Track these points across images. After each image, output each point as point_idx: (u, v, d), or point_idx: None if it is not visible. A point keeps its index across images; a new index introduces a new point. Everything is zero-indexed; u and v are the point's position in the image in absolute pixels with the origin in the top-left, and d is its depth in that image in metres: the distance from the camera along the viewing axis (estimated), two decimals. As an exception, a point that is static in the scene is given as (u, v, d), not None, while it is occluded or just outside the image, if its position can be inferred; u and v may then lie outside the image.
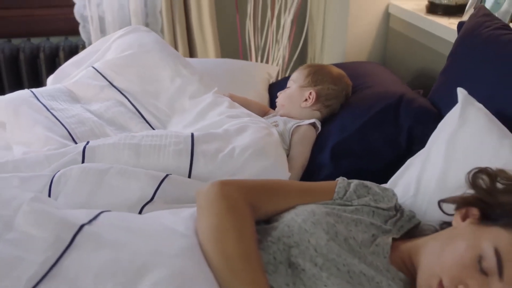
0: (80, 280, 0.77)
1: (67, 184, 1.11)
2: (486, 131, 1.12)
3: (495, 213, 0.89)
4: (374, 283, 0.89)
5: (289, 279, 0.87)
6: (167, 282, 0.78)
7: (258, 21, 2.59)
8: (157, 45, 1.68)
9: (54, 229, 0.84)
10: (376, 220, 1.01)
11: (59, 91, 1.61)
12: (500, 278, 0.82)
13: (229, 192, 0.94)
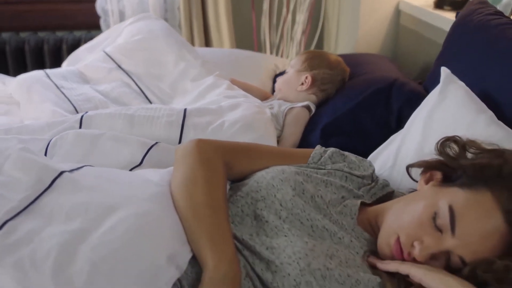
0: (54, 216, 0.84)
1: (62, 147, 1.19)
2: (464, 106, 1.14)
3: (456, 175, 0.91)
4: (336, 238, 0.92)
5: (253, 229, 0.92)
6: (132, 220, 0.83)
7: (274, 18, 2.65)
8: (164, 32, 1.77)
9: (37, 173, 0.91)
10: (348, 184, 1.05)
11: (71, 73, 1.70)
12: (452, 234, 0.85)
13: (205, 148, 0.99)
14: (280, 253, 0.86)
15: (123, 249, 0.79)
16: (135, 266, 0.78)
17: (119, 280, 0.76)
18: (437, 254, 0.86)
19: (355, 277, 0.86)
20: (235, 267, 0.83)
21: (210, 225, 0.87)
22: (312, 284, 0.83)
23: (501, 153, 0.90)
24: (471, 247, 0.83)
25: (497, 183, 0.85)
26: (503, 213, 0.83)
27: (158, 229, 0.85)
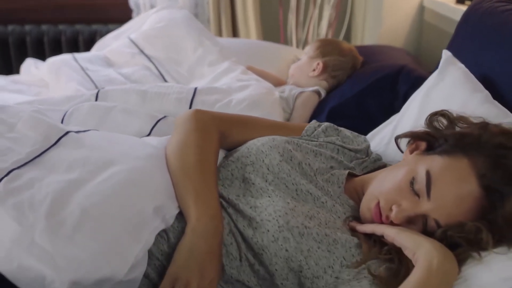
0: (55, 167, 0.92)
1: (77, 117, 1.27)
2: (460, 86, 1.16)
3: (438, 144, 0.94)
4: (319, 202, 0.96)
5: (240, 191, 0.97)
6: (125, 173, 0.90)
7: (301, 15, 2.70)
8: (185, 20, 1.85)
9: (45, 131, 0.99)
10: (339, 156, 1.09)
11: (97, 57, 1.81)
12: (428, 198, 0.87)
13: (201, 117, 1.05)
14: (262, 211, 0.91)
15: (113, 197, 0.86)
16: (122, 213, 0.85)
17: (106, 224, 0.82)
18: (414, 218, 0.89)
19: (333, 236, 0.89)
20: (217, 222, 0.89)
21: (197, 183, 0.93)
22: (289, 240, 0.87)
23: (485, 124, 0.92)
24: (446, 210, 0.86)
25: (474, 150, 0.87)
26: (478, 178, 0.85)
27: (148, 183, 0.91)
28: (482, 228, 0.82)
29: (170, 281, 0.84)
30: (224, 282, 0.92)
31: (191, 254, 0.85)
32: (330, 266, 0.88)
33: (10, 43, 2.52)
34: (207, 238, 0.86)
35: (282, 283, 0.89)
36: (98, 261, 0.79)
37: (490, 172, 0.84)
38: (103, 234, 0.81)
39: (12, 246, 0.79)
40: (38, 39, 2.55)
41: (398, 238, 0.85)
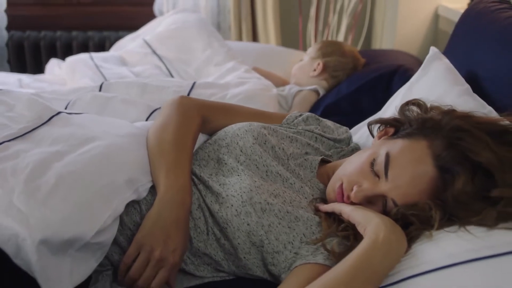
0: (42, 141, 0.99)
1: (80, 105, 1.36)
2: (441, 79, 1.18)
3: (403, 129, 0.96)
4: (288, 183, 1.00)
5: (213, 171, 1.02)
6: (102, 148, 0.97)
7: (320, 24, 2.75)
8: (196, 22, 1.93)
9: (38, 111, 1.07)
10: (317, 144, 1.12)
11: (112, 56, 1.91)
12: (386, 178, 0.90)
13: (185, 102, 1.11)
14: (229, 188, 0.96)
15: (87, 167, 0.93)
16: (95, 182, 0.91)
17: (78, 191, 0.89)
18: (374, 198, 0.91)
19: (295, 214, 0.93)
20: (184, 194, 0.94)
21: (169, 159, 0.98)
22: (251, 215, 0.91)
23: (450, 110, 0.94)
24: (402, 190, 0.88)
25: (433, 133, 0.90)
26: (433, 158, 0.87)
27: (122, 157, 0.97)
28: (431, 206, 0.83)
29: (136, 248, 0.90)
30: (193, 255, 0.97)
31: (157, 223, 0.90)
32: (290, 242, 0.91)
33: (41, 47, 2.67)
34: (173, 209, 0.92)
35: (245, 257, 0.93)
36: (67, 222, 0.85)
37: (444, 152, 0.86)
38: (74, 199, 0.88)
39: (-8, 208, 0.86)
40: (68, 44, 2.69)
41: (352, 215, 0.88)
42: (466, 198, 0.82)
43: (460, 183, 0.82)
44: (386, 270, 0.79)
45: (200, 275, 0.97)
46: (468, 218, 0.81)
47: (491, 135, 0.86)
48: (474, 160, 0.83)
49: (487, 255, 0.76)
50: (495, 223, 0.79)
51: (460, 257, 0.76)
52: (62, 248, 0.85)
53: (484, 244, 0.77)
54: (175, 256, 0.90)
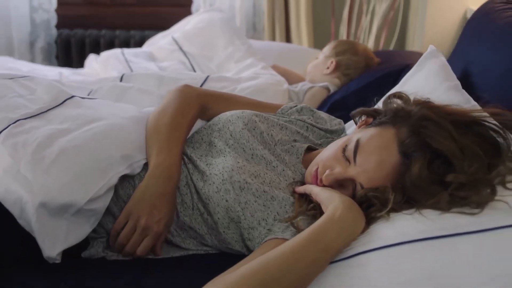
0: (53, 121, 1.11)
1: (100, 94, 1.48)
2: (433, 76, 1.22)
3: (378, 118, 1.02)
4: (271, 166, 1.07)
5: (204, 152, 1.11)
6: (105, 126, 1.08)
7: (352, 26, 2.79)
8: (222, 22, 2.04)
9: (54, 94, 1.20)
10: (308, 133, 1.18)
11: (142, 52, 2.05)
12: (354, 163, 0.95)
13: (187, 89, 1.21)
14: (214, 167, 1.04)
15: (88, 142, 1.03)
16: (94, 155, 1.02)
17: (77, 162, 1.00)
18: (344, 181, 0.97)
19: (271, 194, 1.00)
20: (173, 171, 1.03)
21: (163, 139, 1.08)
22: (230, 192, 0.99)
23: (423, 102, 0.99)
24: (368, 174, 0.93)
25: (403, 121, 0.94)
26: (398, 145, 0.92)
27: (121, 135, 1.08)
28: (389, 189, 0.88)
29: (125, 216, 1.00)
30: (179, 228, 1.06)
31: (145, 195, 1.00)
32: (264, 219, 0.98)
33: (86, 44, 2.85)
34: (160, 183, 1.01)
35: (224, 231, 1.01)
36: (65, 189, 0.96)
37: (408, 139, 0.91)
38: (73, 170, 0.99)
39: (4, 174, 0.99)
40: (111, 42, 2.85)
41: (319, 195, 0.94)
42: (422, 182, 0.86)
43: (416, 168, 0.87)
44: (339, 245, 0.84)
45: (186, 247, 1.06)
46: (424, 202, 0.85)
47: (456, 125, 0.90)
48: (434, 147, 0.87)
49: (436, 236, 0.80)
50: (449, 207, 0.83)
51: (411, 236, 0.81)
52: (59, 212, 0.96)
53: (435, 225, 0.82)
54: (160, 225, 0.99)
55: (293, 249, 0.82)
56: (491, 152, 0.89)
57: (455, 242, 0.79)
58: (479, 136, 0.90)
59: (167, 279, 0.97)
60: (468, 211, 0.82)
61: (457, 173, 0.85)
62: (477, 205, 0.82)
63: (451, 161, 0.87)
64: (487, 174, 0.85)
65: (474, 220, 0.81)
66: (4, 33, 2.82)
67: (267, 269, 0.80)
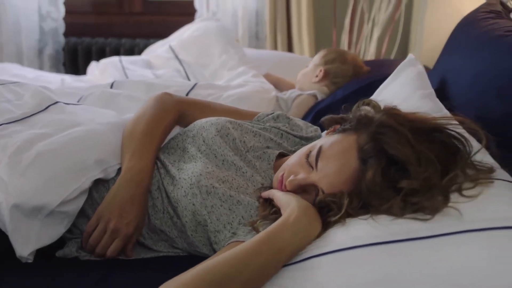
0: (35, 125, 1.16)
1: (90, 100, 1.53)
2: (408, 84, 1.23)
3: (343, 125, 1.03)
4: (240, 172, 1.10)
5: (177, 158, 1.14)
6: (81, 132, 1.12)
7: (354, 35, 2.80)
8: (217, 30, 2.08)
9: (39, 100, 1.24)
10: (282, 140, 1.21)
11: (140, 60, 2.10)
12: (316, 168, 0.97)
13: (165, 97, 1.24)
14: (184, 172, 1.07)
15: (64, 147, 1.07)
16: (69, 159, 1.06)
17: (52, 166, 1.04)
18: (307, 187, 0.98)
19: (237, 198, 1.02)
20: (143, 176, 1.06)
21: (137, 145, 1.11)
22: (197, 196, 1.02)
23: (387, 109, 1.00)
24: (329, 179, 0.95)
25: (364, 128, 0.96)
26: (357, 151, 0.94)
27: (97, 140, 1.11)
28: (344, 194, 0.90)
29: (96, 218, 1.03)
30: (151, 231, 1.09)
31: (115, 198, 1.03)
32: (230, 222, 1.00)
33: (93, 52, 2.92)
34: (131, 187, 1.04)
35: (192, 234, 1.03)
36: (38, 192, 1.00)
37: (366, 145, 0.92)
38: (47, 173, 1.02)
39: (-18, 176, 1.03)
40: (116, 50, 2.92)
41: (279, 200, 0.96)
42: (376, 188, 0.88)
43: (370, 174, 0.88)
44: (293, 248, 0.86)
45: (157, 249, 1.09)
46: (379, 207, 0.87)
47: (415, 132, 0.91)
48: (390, 153, 0.89)
49: (387, 240, 0.82)
50: (402, 212, 0.85)
51: (363, 241, 0.82)
52: (32, 213, 1.00)
53: (387, 230, 0.83)
54: (129, 228, 1.02)
55: (246, 250, 0.84)
56: (449, 159, 0.90)
57: (406, 247, 0.80)
58: (437, 143, 0.91)
59: (134, 278, 1.00)
60: (421, 217, 0.83)
61: (411, 179, 0.86)
62: (430, 211, 0.83)
63: (406, 167, 0.88)
64: (441, 181, 0.86)
65: (426, 226, 0.82)
66: (14, 40, 2.91)
67: (219, 269, 0.82)
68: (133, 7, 3.07)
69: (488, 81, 1.07)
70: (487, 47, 1.14)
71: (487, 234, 0.79)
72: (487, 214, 0.82)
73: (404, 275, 0.78)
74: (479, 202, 0.84)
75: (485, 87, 1.08)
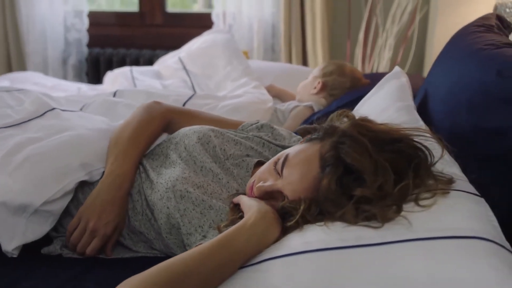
0: (29, 130, 1.23)
1: (92, 108, 1.60)
2: (389, 96, 1.25)
3: (312, 135, 1.06)
4: (217, 178, 1.14)
5: (159, 163, 1.19)
6: (69, 137, 1.19)
7: (368, 48, 2.82)
8: (224, 42, 2.14)
9: (37, 106, 1.32)
10: (263, 149, 1.24)
11: (150, 70, 2.18)
12: (281, 176, 1.00)
13: (154, 106, 1.30)
14: (162, 177, 1.12)
15: (52, 151, 1.14)
16: (54, 163, 1.12)
17: (38, 168, 1.11)
18: (274, 193, 1.01)
19: (209, 203, 1.06)
20: (124, 179, 1.12)
21: (121, 149, 1.17)
22: (171, 199, 1.06)
23: (355, 120, 1.03)
24: (292, 186, 0.98)
25: (328, 137, 0.99)
26: (320, 159, 0.96)
27: (83, 145, 1.18)
28: (301, 201, 0.93)
29: (78, 218, 1.09)
30: (131, 232, 1.14)
31: (96, 200, 1.09)
32: (201, 226, 1.05)
33: (114, 62, 3.03)
34: (111, 190, 1.10)
35: (166, 236, 1.08)
36: (23, 191, 1.07)
37: (327, 154, 0.95)
38: (33, 174, 1.10)
39: (-25, 175, 1.11)
40: (136, 60, 3.02)
41: (244, 205, 0.99)
42: (330, 195, 0.90)
43: (326, 181, 0.91)
44: (248, 251, 0.88)
45: (136, 250, 1.14)
46: (334, 214, 0.89)
47: (375, 142, 0.93)
48: (347, 162, 0.92)
49: (336, 246, 0.84)
50: (355, 220, 0.87)
51: (313, 246, 0.85)
52: (17, 211, 1.07)
53: (338, 236, 0.85)
54: (107, 228, 1.08)
55: (202, 251, 0.88)
56: (405, 169, 0.92)
57: (354, 253, 0.82)
58: (395, 153, 0.93)
59: (111, 275, 1.04)
60: (373, 225, 0.85)
61: (365, 188, 0.89)
62: (381, 219, 0.85)
63: (363, 176, 0.90)
64: (393, 190, 0.88)
65: (377, 233, 0.84)
66: (41, 51, 3.06)
67: (175, 268, 0.85)
68: (154, 20, 3.18)
69: (460, 93, 1.09)
70: (463, 60, 1.16)
71: (432, 243, 0.80)
72: (436, 224, 0.83)
73: (348, 280, 0.80)
74: (432, 212, 0.86)
75: (456, 100, 1.09)
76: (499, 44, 1.13)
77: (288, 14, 2.84)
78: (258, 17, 2.89)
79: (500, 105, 0.98)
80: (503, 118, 0.97)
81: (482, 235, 0.80)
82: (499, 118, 0.98)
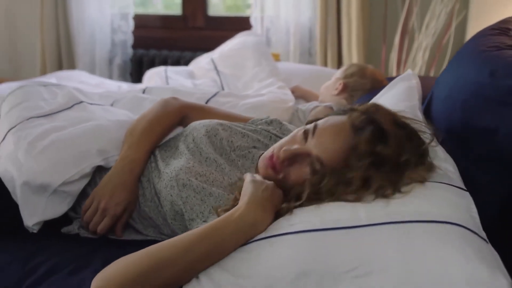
0: (57, 120, 1.34)
1: (121, 103, 1.71)
2: (397, 96, 1.28)
3: None
4: (220, 168, 1.20)
5: (170, 154, 1.27)
6: (89, 126, 1.29)
7: (403, 54, 2.81)
8: (254, 45, 2.21)
9: (67, 99, 1.44)
10: (271, 142, 1.30)
11: (183, 70, 2.28)
12: (312, 136, 1.03)
13: (171, 101, 1.39)
14: (169, 166, 1.20)
15: (72, 138, 1.25)
16: (74, 148, 1.23)
17: (60, 153, 1.21)
18: (300, 157, 1.03)
19: (209, 190, 1.12)
20: (135, 165, 1.21)
21: (135, 138, 1.26)
22: (174, 188, 1.13)
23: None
24: (324, 145, 1.00)
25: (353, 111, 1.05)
26: (350, 124, 1.01)
27: (101, 134, 1.28)
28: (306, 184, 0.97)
29: (91, 198, 1.19)
30: (141, 217, 1.23)
31: (108, 182, 1.19)
32: (201, 212, 1.11)
33: (155, 63, 3.16)
34: (122, 173, 1.19)
35: (172, 222, 1.15)
36: (44, 173, 1.18)
37: (359, 119, 1.01)
38: (54, 157, 1.20)
39: (6, 157, 1.23)
40: (177, 62, 3.14)
41: (244, 186, 1.01)
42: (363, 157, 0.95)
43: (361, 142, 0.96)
44: (231, 244, 0.90)
45: (146, 234, 1.22)
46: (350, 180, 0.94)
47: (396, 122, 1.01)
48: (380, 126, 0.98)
49: (316, 228, 0.88)
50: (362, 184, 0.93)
51: (296, 228, 0.89)
52: (39, 190, 1.18)
53: (319, 219, 0.89)
54: (117, 208, 1.17)
55: (184, 240, 0.91)
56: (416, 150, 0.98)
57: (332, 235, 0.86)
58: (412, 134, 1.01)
59: (115, 255, 1.12)
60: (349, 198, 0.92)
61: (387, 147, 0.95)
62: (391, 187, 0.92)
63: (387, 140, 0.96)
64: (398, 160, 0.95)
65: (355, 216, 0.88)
66: (89, 51, 3.24)
67: (162, 252, 0.90)
68: (196, 23, 3.29)
69: (457, 94, 1.10)
70: (465, 61, 1.17)
71: (405, 226, 0.84)
72: (412, 208, 0.87)
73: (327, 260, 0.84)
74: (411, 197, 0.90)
75: (453, 100, 1.11)
76: (502, 46, 1.14)
77: (324, 18, 2.88)
78: (295, 21, 2.94)
79: (492, 106, 1.00)
80: (495, 118, 0.99)
81: (456, 221, 0.83)
82: (491, 118, 1.00)
